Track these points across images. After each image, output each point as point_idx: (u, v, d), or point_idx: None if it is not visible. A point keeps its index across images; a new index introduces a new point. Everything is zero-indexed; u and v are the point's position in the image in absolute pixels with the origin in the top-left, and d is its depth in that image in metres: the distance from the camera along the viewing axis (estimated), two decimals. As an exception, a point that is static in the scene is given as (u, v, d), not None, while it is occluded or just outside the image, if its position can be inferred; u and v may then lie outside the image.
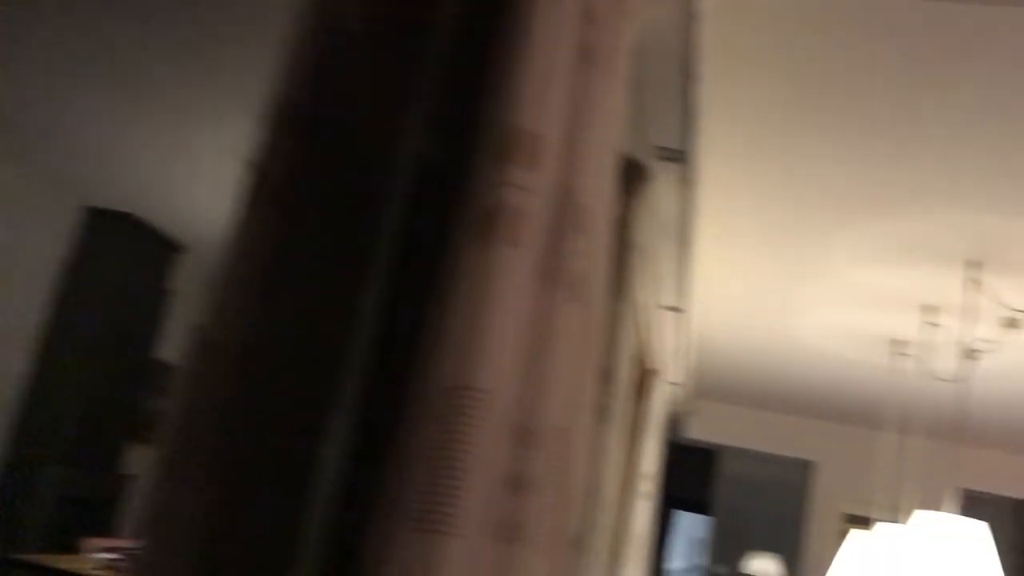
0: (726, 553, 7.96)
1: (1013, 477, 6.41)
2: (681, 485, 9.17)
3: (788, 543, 7.32)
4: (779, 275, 3.57)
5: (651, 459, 4.37)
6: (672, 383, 4.66)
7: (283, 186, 0.95)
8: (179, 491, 0.93)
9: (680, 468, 9.05)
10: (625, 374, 2.08)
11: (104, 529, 5.13)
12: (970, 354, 4.08)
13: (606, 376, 2.02)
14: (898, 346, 4.25)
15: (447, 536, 0.80)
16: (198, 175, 3.97)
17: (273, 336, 1.02)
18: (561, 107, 0.96)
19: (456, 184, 1.00)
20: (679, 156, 1.93)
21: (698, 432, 6.66)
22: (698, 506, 9.08)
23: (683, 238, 2.53)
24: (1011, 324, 3.56)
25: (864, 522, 6.30)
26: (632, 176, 1.99)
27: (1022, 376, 4.31)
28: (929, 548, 2.68)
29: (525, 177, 0.88)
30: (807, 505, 6.63)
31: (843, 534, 6.33)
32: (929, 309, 3.62)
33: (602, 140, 1.12)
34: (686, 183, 2.11)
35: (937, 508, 6.14)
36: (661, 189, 2.13)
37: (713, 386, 6.15)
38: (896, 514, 6.20)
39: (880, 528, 3.47)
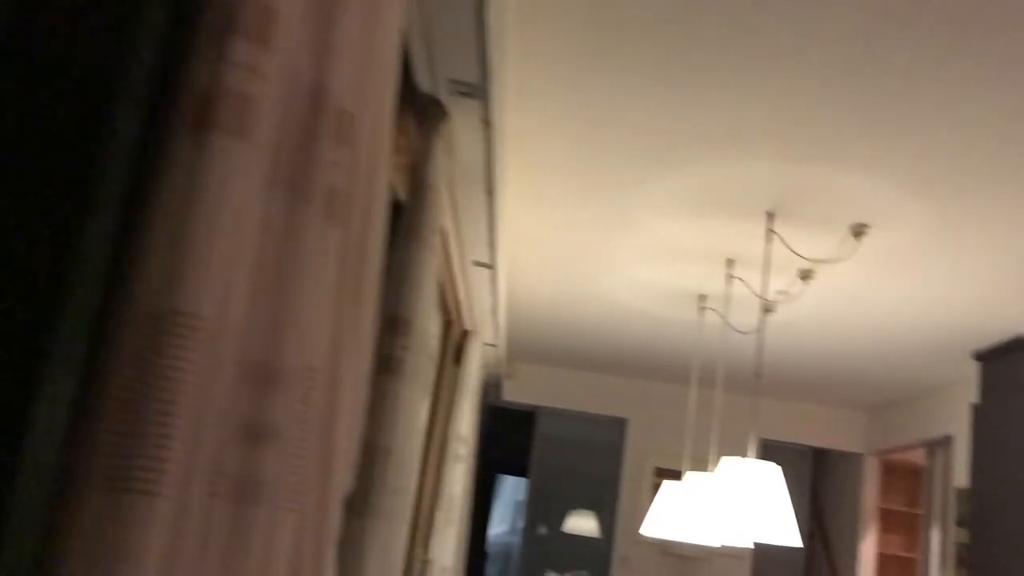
0: (547, 514, 8.07)
1: (809, 426, 6.81)
2: (502, 449, 9.23)
3: (606, 500, 7.50)
4: (588, 229, 3.55)
5: (467, 422, 4.30)
6: (488, 344, 4.59)
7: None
8: None
9: (501, 432, 9.09)
10: (426, 326, 1.95)
11: None
12: (769, 306, 4.23)
13: (401, 326, 1.89)
14: (704, 300, 4.35)
15: (150, 496, 0.64)
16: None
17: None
18: (302, -19, 0.80)
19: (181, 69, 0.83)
20: (476, 91, 1.81)
21: (515, 395, 6.67)
22: (521, 469, 9.16)
23: (489, 187, 2.42)
24: (806, 275, 3.70)
25: (676, 475, 6.52)
26: (426, 111, 1.85)
27: (815, 326, 4.52)
28: (730, 488, 2.75)
29: (253, 55, 0.72)
30: (622, 462, 6.80)
31: (657, 487, 6.53)
32: (733, 262, 3.71)
33: (365, 40, 0.97)
34: (487, 124, 1.99)
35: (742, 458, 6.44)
36: (460, 129, 2.00)
37: (528, 348, 6.16)
38: (705, 466, 6.46)
39: (689, 476, 3.54)
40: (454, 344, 3.92)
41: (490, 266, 3.15)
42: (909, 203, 2.87)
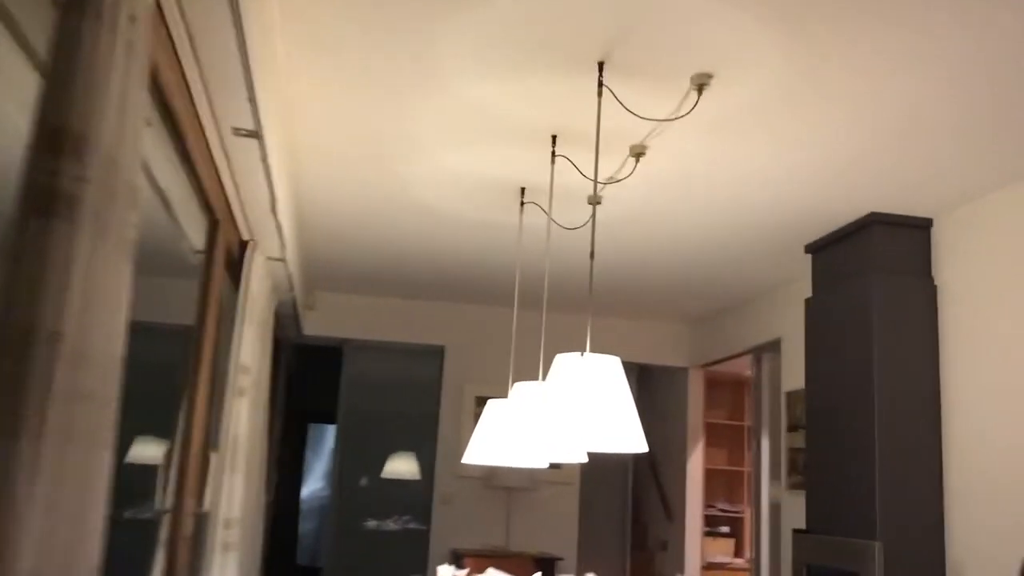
0: (363, 460, 7.44)
1: (634, 343, 6.50)
2: (317, 396, 8.48)
3: (427, 439, 6.94)
4: (384, 93, 2.88)
5: (252, 351, 3.59)
6: (273, 259, 3.88)
7: None
8: None
9: (316, 377, 8.33)
10: (121, 154, 1.29)
11: None
12: (596, 198, 3.75)
13: (68, 144, 1.22)
14: (525, 195, 3.81)
15: None
16: None
17: None
18: None
19: None
20: None
21: (317, 328, 5.96)
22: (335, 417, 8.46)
23: (233, 6, 1.73)
24: (639, 153, 3.22)
25: (499, 404, 6.05)
26: None
27: (645, 223, 4.09)
28: (564, 389, 2.26)
29: None
30: (441, 395, 6.27)
31: (479, 419, 6.05)
32: (557, 138, 3.16)
33: None
34: None
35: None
36: None
37: (329, 273, 5.46)
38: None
39: (517, 387, 3.02)
40: (225, 253, 3.19)
41: (256, 134, 2.45)
42: (758, 45, 2.41)
